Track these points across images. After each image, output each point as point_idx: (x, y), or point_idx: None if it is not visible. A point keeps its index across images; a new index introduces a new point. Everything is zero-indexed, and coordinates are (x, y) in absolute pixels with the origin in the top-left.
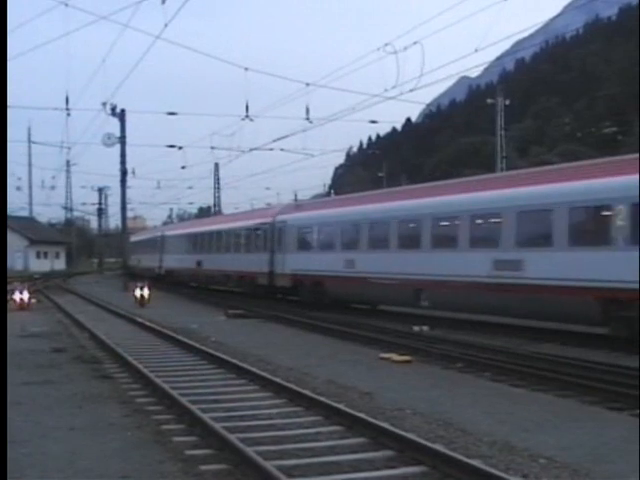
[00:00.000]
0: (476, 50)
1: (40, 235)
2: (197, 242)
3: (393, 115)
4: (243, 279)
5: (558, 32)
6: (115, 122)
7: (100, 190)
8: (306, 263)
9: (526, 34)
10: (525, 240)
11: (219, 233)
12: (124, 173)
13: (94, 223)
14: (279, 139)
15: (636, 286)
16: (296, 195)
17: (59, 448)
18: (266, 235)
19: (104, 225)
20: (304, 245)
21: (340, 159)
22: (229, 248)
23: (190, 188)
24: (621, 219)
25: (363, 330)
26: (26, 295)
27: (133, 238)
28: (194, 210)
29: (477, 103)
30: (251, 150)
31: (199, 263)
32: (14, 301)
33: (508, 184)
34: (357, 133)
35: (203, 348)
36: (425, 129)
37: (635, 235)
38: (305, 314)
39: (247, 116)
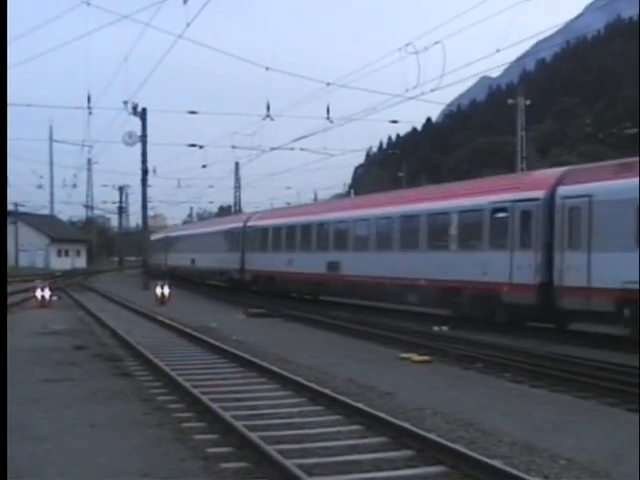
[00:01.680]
0: (497, 50)
1: (61, 233)
2: (327, 235)
3: (414, 115)
4: (457, 292)
5: (579, 32)
6: (136, 121)
7: (121, 188)
8: None
9: (547, 34)
10: None
11: (387, 219)
12: (145, 172)
13: (115, 221)
14: (299, 138)
15: None
16: (316, 194)
17: (80, 445)
18: (528, 220)
19: (124, 223)
20: None
21: (360, 159)
22: (412, 243)
23: (211, 187)
24: None
25: (382, 330)
26: (47, 293)
27: (177, 231)
28: (214, 209)
29: (497, 103)
30: (271, 149)
31: (332, 266)
32: (35, 298)
33: None
34: (377, 133)
35: (223, 346)
36: (445, 129)
37: None
38: (324, 313)
39: (268, 115)
